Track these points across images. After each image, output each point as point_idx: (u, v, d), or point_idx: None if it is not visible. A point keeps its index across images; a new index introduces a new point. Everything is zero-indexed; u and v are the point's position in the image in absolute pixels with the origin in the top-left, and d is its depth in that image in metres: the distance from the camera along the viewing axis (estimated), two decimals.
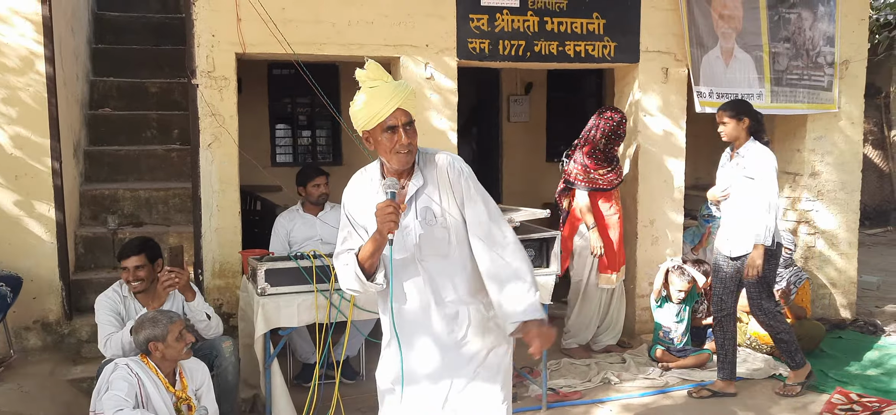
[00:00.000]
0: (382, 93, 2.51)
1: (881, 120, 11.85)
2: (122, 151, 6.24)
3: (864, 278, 7.65)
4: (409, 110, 2.54)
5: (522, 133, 9.15)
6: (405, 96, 2.52)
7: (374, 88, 2.52)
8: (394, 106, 2.50)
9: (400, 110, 2.52)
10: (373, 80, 2.54)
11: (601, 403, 4.71)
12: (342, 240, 2.70)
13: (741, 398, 4.80)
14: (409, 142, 2.54)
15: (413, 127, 2.56)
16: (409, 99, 2.54)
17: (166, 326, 3.40)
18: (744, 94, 5.88)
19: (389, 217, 2.44)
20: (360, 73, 2.56)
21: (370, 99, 2.52)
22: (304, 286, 4.00)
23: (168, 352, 3.39)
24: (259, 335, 3.94)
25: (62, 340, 5.00)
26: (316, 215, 5.10)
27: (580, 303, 5.57)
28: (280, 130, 8.76)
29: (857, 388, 4.91)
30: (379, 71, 2.54)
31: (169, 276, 3.73)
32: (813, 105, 6.19)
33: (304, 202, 5.15)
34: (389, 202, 2.46)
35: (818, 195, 6.47)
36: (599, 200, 5.47)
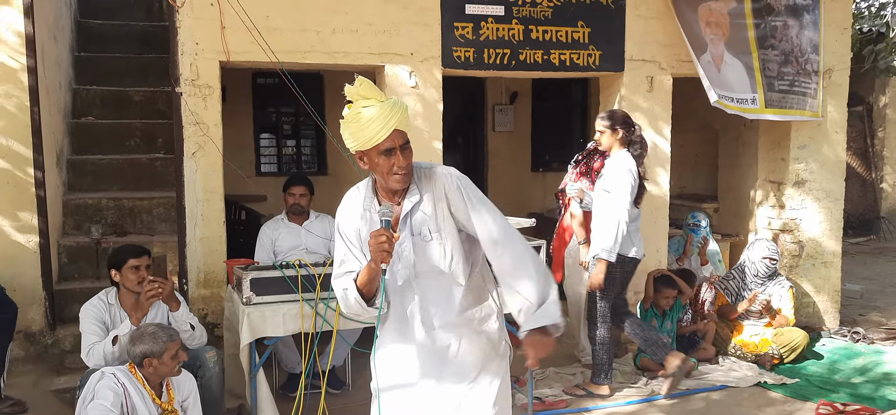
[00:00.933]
0: (378, 116, 2.41)
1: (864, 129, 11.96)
2: (105, 159, 6.20)
3: (848, 287, 7.70)
4: (404, 130, 2.46)
5: (507, 143, 9.18)
6: (401, 117, 2.43)
7: (368, 109, 2.42)
8: (390, 128, 2.42)
9: (396, 131, 2.44)
10: (365, 100, 2.45)
11: (587, 411, 4.71)
12: (339, 262, 2.64)
13: (727, 406, 4.81)
14: (407, 163, 2.48)
15: (409, 147, 2.50)
16: (404, 119, 2.46)
17: (165, 343, 3.38)
18: (738, 98, 5.89)
19: (383, 246, 2.38)
20: (350, 90, 2.47)
21: (365, 122, 2.42)
22: (290, 295, 3.98)
23: (161, 369, 3.37)
24: (244, 345, 3.92)
25: (46, 350, 4.95)
26: (301, 225, 5.08)
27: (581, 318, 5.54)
28: (264, 140, 8.74)
29: (841, 396, 4.93)
30: (371, 89, 2.46)
31: (152, 286, 3.70)
32: (803, 112, 6.21)
33: (287, 211, 5.13)
34: (383, 231, 2.40)
35: (802, 204, 6.51)
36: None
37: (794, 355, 5.56)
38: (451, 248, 2.55)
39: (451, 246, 2.55)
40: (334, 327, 4.00)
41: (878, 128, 11.97)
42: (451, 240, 2.55)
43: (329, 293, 4.01)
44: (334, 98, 8.37)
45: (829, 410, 4.63)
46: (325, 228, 5.10)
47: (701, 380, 5.25)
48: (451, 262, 2.56)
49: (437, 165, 2.63)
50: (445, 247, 2.55)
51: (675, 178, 6.58)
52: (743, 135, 7.41)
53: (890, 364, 5.59)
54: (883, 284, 8.63)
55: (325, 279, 4.00)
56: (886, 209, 12.12)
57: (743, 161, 7.50)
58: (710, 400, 4.94)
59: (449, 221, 2.55)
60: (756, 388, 5.15)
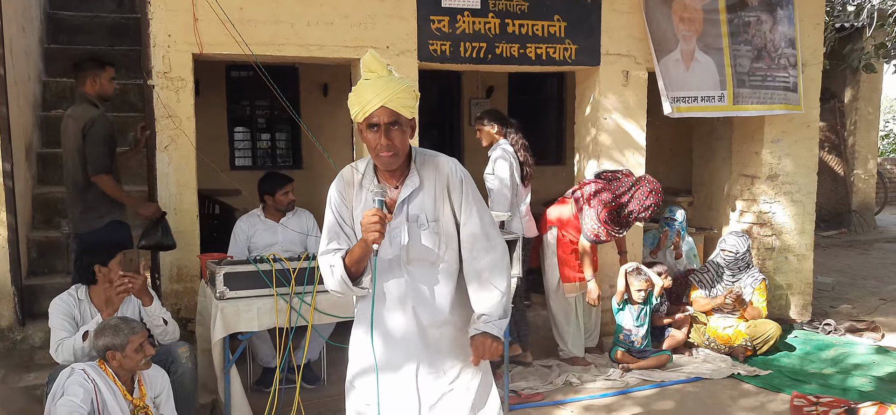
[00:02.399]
0: (369, 87, 2.40)
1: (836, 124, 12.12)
2: None
3: (820, 279, 7.81)
4: (396, 109, 2.40)
5: None
6: (391, 94, 2.38)
7: (366, 81, 2.42)
8: (377, 103, 2.38)
9: (383, 108, 2.39)
10: (368, 72, 2.44)
11: (563, 404, 4.72)
12: (328, 239, 2.59)
13: (701, 398, 4.86)
14: (389, 143, 2.42)
15: (400, 128, 2.43)
16: (397, 97, 2.40)
17: (127, 336, 3.31)
18: (704, 96, 5.95)
19: (374, 227, 2.36)
20: (363, 59, 2.46)
21: (358, 91, 2.42)
22: (264, 290, 3.94)
23: (126, 362, 3.31)
24: (217, 340, 3.87)
25: (14, 346, 4.85)
26: (278, 222, 5.01)
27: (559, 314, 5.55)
28: (239, 133, 8.65)
29: (813, 387, 4.99)
30: (376, 63, 2.43)
31: (122, 281, 3.64)
32: (778, 106, 6.26)
33: (266, 207, 5.03)
34: (376, 211, 2.38)
35: (775, 197, 6.58)
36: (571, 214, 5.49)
37: (766, 347, 5.63)
38: (446, 239, 2.55)
39: (445, 237, 2.55)
40: (309, 322, 3.97)
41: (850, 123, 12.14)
42: (446, 230, 2.55)
43: (303, 288, 3.99)
44: (309, 91, 8.32)
45: (802, 402, 4.69)
46: (302, 224, 5.05)
47: (676, 372, 5.30)
48: (444, 251, 2.55)
49: (442, 155, 2.61)
50: (440, 236, 2.54)
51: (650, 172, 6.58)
52: (717, 129, 7.47)
53: (860, 355, 5.68)
54: (853, 277, 8.77)
55: (300, 274, 3.97)
56: (857, 203, 12.31)
57: (717, 155, 7.57)
58: (685, 392, 4.98)
59: (447, 212, 2.55)
60: (730, 379, 5.20)
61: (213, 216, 6.59)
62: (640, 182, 5.14)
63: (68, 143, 4.51)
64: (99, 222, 4.48)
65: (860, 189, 12.34)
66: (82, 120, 4.42)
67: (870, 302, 7.48)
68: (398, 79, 2.44)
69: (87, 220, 4.51)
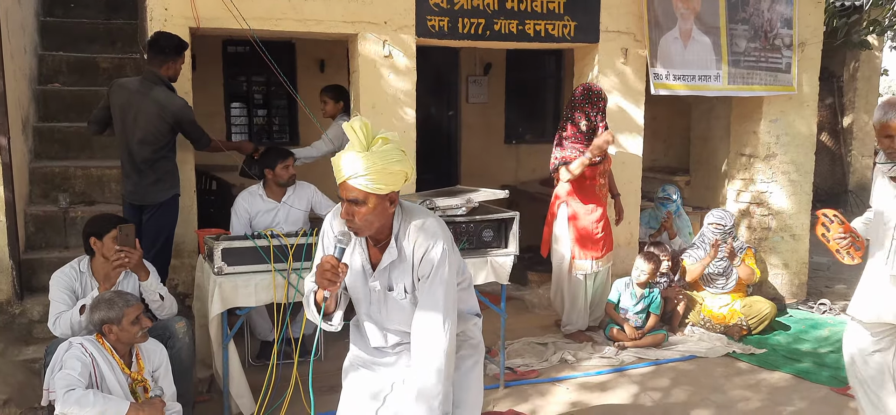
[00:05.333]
0: (343, 158, 2.39)
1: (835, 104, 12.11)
2: (72, 127, 6.07)
3: (816, 259, 7.83)
4: (359, 187, 2.36)
5: (481, 114, 9.14)
6: (357, 172, 2.35)
7: (349, 148, 2.40)
8: (342, 178, 2.40)
9: (347, 184, 2.38)
10: (350, 135, 2.39)
11: (558, 381, 4.76)
12: (315, 263, 2.66)
13: (696, 376, 4.89)
14: (350, 218, 2.43)
15: (365, 206, 2.40)
16: (366, 176, 2.35)
17: (122, 309, 3.32)
18: (700, 75, 5.94)
19: (327, 276, 2.42)
20: (345, 126, 2.44)
21: (338, 155, 2.42)
22: (262, 266, 3.94)
23: (122, 335, 3.32)
24: (214, 315, 3.88)
25: (13, 320, 4.86)
26: (280, 200, 4.94)
27: (567, 290, 5.56)
28: (235, 109, 8.61)
29: (806, 365, 5.03)
30: (354, 133, 2.38)
31: (119, 256, 3.64)
32: (771, 87, 6.28)
33: (266, 183, 4.99)
34: (329, 259, 2.42)
35: (772, 177, 6.59)
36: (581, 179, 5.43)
37: (761, 327, 5.66)
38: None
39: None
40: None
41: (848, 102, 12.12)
42: None
43: (301, 264, 3.99)
44: (306, 67, 8.28)
45: None
46: (305, 198, 5.01)
47: (671, 350, 5.33)
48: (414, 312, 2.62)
49: (429, 223, 2.55)
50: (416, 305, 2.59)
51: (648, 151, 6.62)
52: (715, 108, 7.47)
53: None
54: None
55: (297, 249, 3.98)
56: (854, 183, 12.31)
57: (715, 134, 7.57)
58: (680, 370, 5.01)
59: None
60: (725, 358, 5.24)
61: (210, 192, 6.57)
62: None
63: (139, 120, 4.58)
64: (164, 195, 4.69)
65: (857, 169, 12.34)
66: (169, 107, 4.57)
67: None
68: (376, 155, 2.36)
69: (154, 193, 4.66)
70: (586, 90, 5.32)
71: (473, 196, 4.45)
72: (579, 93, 5.33)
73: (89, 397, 3.06)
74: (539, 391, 4.60)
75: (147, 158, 4.62)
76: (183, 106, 4.65)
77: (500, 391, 4.55)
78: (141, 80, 4.66)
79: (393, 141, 2.43)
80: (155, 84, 4.58)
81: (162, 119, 4.55)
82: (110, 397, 3.16)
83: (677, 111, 8.52)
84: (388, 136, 2.43)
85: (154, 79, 4.59)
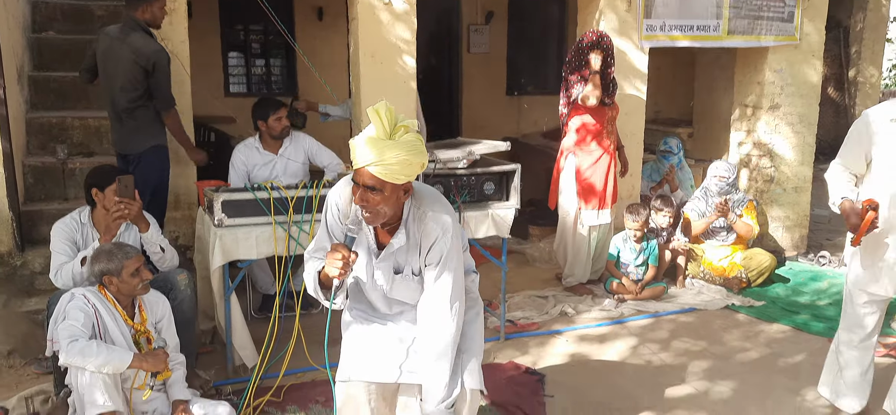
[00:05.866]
0: (363, 145, 2.35)
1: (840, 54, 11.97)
2: (68, 77, 5.99)
3: (817, 212, 7.83)
4: (380, 176, 2.34)
5: (482, 65, 9.04)
6: (377, 160, 2.32)
7: (368, 136, 2.36)
8: (361, 163, 2.36)
9: (365, 171, 2.36)
10: (373, 120, 2.35)
11: (558, 333, 4.78)
12: (317, 242, 2.69)
13: (695, 327, 4.92)
14: (364, 204, 2.41)
15: (381, 194, 2.38)
16: (385, 165, 2.33)
17: (122, 261, 3.32)
18: (700, 25, 5.87)
19: (336, 265, 2.42)
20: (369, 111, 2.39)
21: (356, 142, 2.38)
22: (262, 218, 3.92)
23: (123, 287, 3.33)
24: (216, 268, 3.88)
25: (14, 272, 4.86)
26: (277, 153, 4.90)
27: (571, 243, 5.57)
28: (233, 59, 8.51)
29: (805, 318, 5.05)
30: (379, 119, 2.34)
31: (119, 207, 3.62)
32: (774, 37, 6.20)
33: (262, 136, 4.95)
34: (340, 247, 2.42)
35: (776, 128, 6.54)
36: (589, 128, 5.40)
37: (761, 279, 5.67)
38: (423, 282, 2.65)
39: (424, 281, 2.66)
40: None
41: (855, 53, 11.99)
42: None
43: (302, 216, 3.98)
44: (305, 15, 8.17)
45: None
46: (302, 149, 4.97)
47: (670, 303, 5.35)
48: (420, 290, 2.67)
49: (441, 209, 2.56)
50: (423, 286, 2.64)
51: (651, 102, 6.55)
52: (720, 58, 7.38)
53: None
54: None
55: (298, 202, 3.96)
56: None
57: (718, 85, 7.49)
58: (679, 322, 5.04)
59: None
60: (724, 310, 5.26)
61: (208, 144, 6.53)
62: None
63: (118, 68, 4.49)
64: (144, 144, 4.57)
65: None
66: (143, 51, 4.42)
67: None
68: (399, 144, 2.33)
69: (134, 142, 4.57)
70: (594, 36, 5.25)
71: (475, 148, 4.42)
72: (587, 39, 5.26)
73: (93, 347, 3.07)
74: (539, 343, 4.62)
75: (126, 107, 4.53)
76: (158, 51, 4.48)
77: (500, 343, 4.58)
78: (121, 26, 4.57)
79: (412, 130, 2.39)
80: (133, 30, 4.49)
81: (137, 64, 4.43)
82: (114, 347, 3.18)
83: (681, 62, 8.43)
84: (409, 124, 2.39)
85: (132, 24, 4.50)
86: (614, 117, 5.55)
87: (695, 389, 4.01)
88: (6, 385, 3.89)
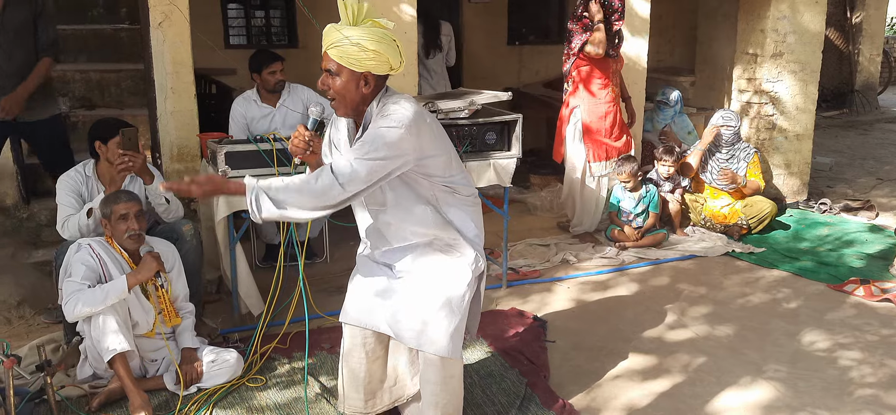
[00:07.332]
0: (328, 28, 2.45)
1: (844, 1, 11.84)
2: (68, 30, 5.97)
3: (818, 159, 7.84)
4: (334, 57, 2.42)
5: (484, 14, 8.95)
6: (334, 43, 2.41)
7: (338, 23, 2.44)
8: (324, 46, 2.45)
9: (326, 53, 2.45)
10: (340, 8, 2.43)
11: (559, 280, 4.84)
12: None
13: (695, 274, 4.97)
14: (324, 89, 2.49)
15: (339, 78, 2.45)
16: (340, 48, 2.39)
17: (111, 206, 3.36)
18: None
19: (296, 141, 2.60)
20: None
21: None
22: (266, 169, 3.96)
23: (113, 232, 3.37)
24: (220, 219, 3.92)
25: (21, 224, 4.92)
26: (274, 106, 4.89)
27: (580, 194, 5.59)
28: (232, 10, 8.42)
29: (805, 263, 5.10)
30: (347, 5, 2.41)
31: (122, 159, 3.64)
32: None
33: (259, 89, 4.94)
34: (300, 128, 2.61)
35: (778, 76, 6.52)
36: (594, 80, 5.39)
37: (761, 226, 5.71)
38: (385, 185, 2.53)
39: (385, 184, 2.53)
40: None
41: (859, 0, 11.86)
42: None
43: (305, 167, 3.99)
44: None
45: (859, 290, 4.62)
46: (300, 99, 4.97)
47: (671, 250, 5.40)
48: (389, 194, 2.58)
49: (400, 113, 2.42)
50: (382, 186, 2.53)
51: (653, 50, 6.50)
52: (723, 6, 7.31)
53: (853, 233, 5.77)
54: (852, 158, 8.80)
55: None
56: (860, 83, 12.17)
57: (721, 33, 7.43)
58: (679, 268, 5.09)
59: None
60: (724, 257, 5.31)
61: (210, 96, 6.53)
62: None
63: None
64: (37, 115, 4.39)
65: (864, 68, 12.17)
66: None
67: (867, 182, 7.54)
68: (359, 29, 2.39)
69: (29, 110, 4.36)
70: None
71: (476, 98, 4.42)
72: None
73: (86, 294, 3.14)
74: (541, 290, 4.68)
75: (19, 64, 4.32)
76: None
77: (502, 291, 4.64)
78: None
79: (386, 28, 2.45)
80: None
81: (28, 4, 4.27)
82: (109, 284, 3.22)
83: (683, 9, 8.35)
84: (383, 22, 2.45)
85: None
86: (619, 70, 5.54)
87: (695, 333, 4.07)
88: (17, 335, 3.96)
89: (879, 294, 4.51)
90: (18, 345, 3.73)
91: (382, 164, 2.37)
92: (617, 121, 5.49)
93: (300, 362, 3.67)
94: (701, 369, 3.68)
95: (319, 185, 2.36)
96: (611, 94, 5.43)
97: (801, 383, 3.53)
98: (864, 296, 4.53)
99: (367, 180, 2.38)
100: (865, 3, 11.78)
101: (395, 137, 2.38)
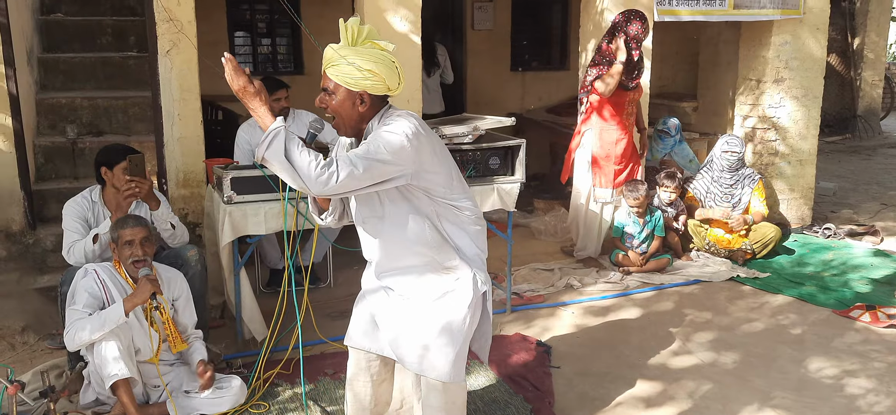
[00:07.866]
0: (326, 48, 2.50)
1: (845, 27, 11.90)
2: (76, 58, 6.04)
3: (822, 184, 7.85)
4: (332, 78, 2.47)
5: (487, 41, 9.02)
6: (330, 62, 2.46)
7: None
8: (323, 66, 2.50)
9: (324, 72, 2.50)
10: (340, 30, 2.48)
11: (564, 306, 4.83)
12: None
13: (700, 299, 4.96)
14: (325, 106, 2.52)
15: (336, 96, 2.49)
16: (336, 68, 2.45)
17: (118, 230, 3.38)
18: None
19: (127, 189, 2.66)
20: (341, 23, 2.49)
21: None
22: (271, 195, 3.98)
23: (119, 256, 3.39)
24: (225, 244, 3.94)
25: (27, 250, 4.94)
26: None
27: (584, 218, 5.62)
28: (239, 38, 8.51)
29: (809, 288, 5.09)
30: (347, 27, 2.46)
31: (129, 186, 3.67)
32: (778, 11, 6.18)
33: None
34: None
35: (781, 102, 6.54)
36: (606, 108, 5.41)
37: (766, 251, 5.71)
38: (387, 195, 2.54)
39: (384, 194, 2.54)
40: (315, 225, 4.02)
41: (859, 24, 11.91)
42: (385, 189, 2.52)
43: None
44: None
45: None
46: (305, 124, 5.00)
47: (675, 275, 5.39)
48: (387, 206, 2.56)
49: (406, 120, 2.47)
50: (379, 194, 2.55)
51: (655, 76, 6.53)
52: (724, 32, 7.37)
53: (858, 258, 5.76)
54: (856, 182, 8.80)
55: None
56: (863, 108, 12.20)
57: (723, 59, 7.48)
58: (684, 294, 5.08)
59: None
60: (729, 282, 5.30)
61: (216, 122, 6.58)
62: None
63: None
64: None
65: (867, 93, 12.21)
66: None
67: (871, 207, 7.53)
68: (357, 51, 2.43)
69: None
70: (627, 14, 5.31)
71: (480, 124, 4.45)
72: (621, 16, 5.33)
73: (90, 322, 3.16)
74: (545, 315, 4.68)
75: None
76: None
77: (507, 316, 4.63)
78: None
79: (386, 50, 2.47)
80: None
81: None
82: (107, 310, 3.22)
83: (685, 36, 8.40)
84: (383, 44, 2.47)
85: None
86: (636, 99, 5.58)
87: (700, 359, 4.06)
88: (21, 360, 3.96)
89: (885, 320, 4.49)
90: (22, 371, 3.73)
91: (381, 165, 2.38)
92: (627, 150, 5.51)
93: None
94: (707, 395, 3.66)
95: (322, 166, 2.32)
96: (624, 122, 5.46)
97: (808, 411, 3.51)
98: (870, 322, 4.51)
99: (363, 179, 2.36)
100: (867, 28, 11.84)
101: (396, 142, 2.39)
